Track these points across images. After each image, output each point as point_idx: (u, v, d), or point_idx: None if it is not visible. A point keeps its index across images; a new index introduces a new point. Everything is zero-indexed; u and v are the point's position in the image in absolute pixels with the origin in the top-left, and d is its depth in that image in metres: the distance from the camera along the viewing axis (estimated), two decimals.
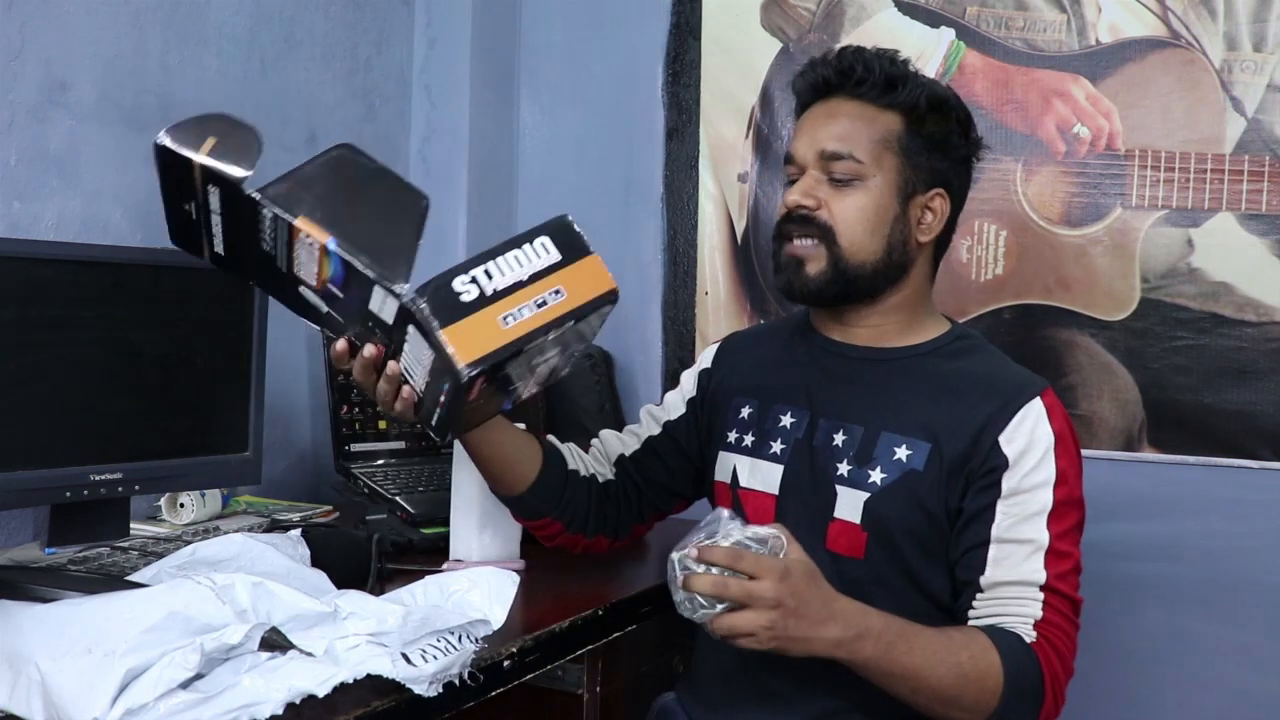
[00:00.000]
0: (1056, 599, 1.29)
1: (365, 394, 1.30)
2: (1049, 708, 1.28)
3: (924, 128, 1.38)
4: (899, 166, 1.38)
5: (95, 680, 0.92)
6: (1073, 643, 1.30)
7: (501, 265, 1.16)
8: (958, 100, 1.43)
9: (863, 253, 1.37)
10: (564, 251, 1.18)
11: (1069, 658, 1.30)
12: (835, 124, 1.39)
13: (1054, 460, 1.31)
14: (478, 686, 1.16)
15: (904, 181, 1.38)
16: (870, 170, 1.37)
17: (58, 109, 1.67)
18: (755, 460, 1.45)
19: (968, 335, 1.45)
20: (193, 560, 1.26)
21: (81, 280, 1.52)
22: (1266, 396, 1.81)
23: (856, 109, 1.39)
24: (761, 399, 1.48)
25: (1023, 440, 1.31)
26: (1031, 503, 1.30)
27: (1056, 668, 1.28)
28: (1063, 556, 1.30)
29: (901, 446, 1.34)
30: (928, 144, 1.39)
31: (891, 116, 1.38)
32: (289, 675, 0.98)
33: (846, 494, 1.35)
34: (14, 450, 1.45)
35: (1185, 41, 1.85)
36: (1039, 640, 1.27)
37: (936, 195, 1.40)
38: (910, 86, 1.38)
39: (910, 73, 1.41)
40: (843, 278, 1.38)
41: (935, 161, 1.39)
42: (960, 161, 1.43)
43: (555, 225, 1.20)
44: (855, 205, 1.37)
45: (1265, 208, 1.80)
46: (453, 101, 2.30)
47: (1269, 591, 1.82)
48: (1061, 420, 1.34)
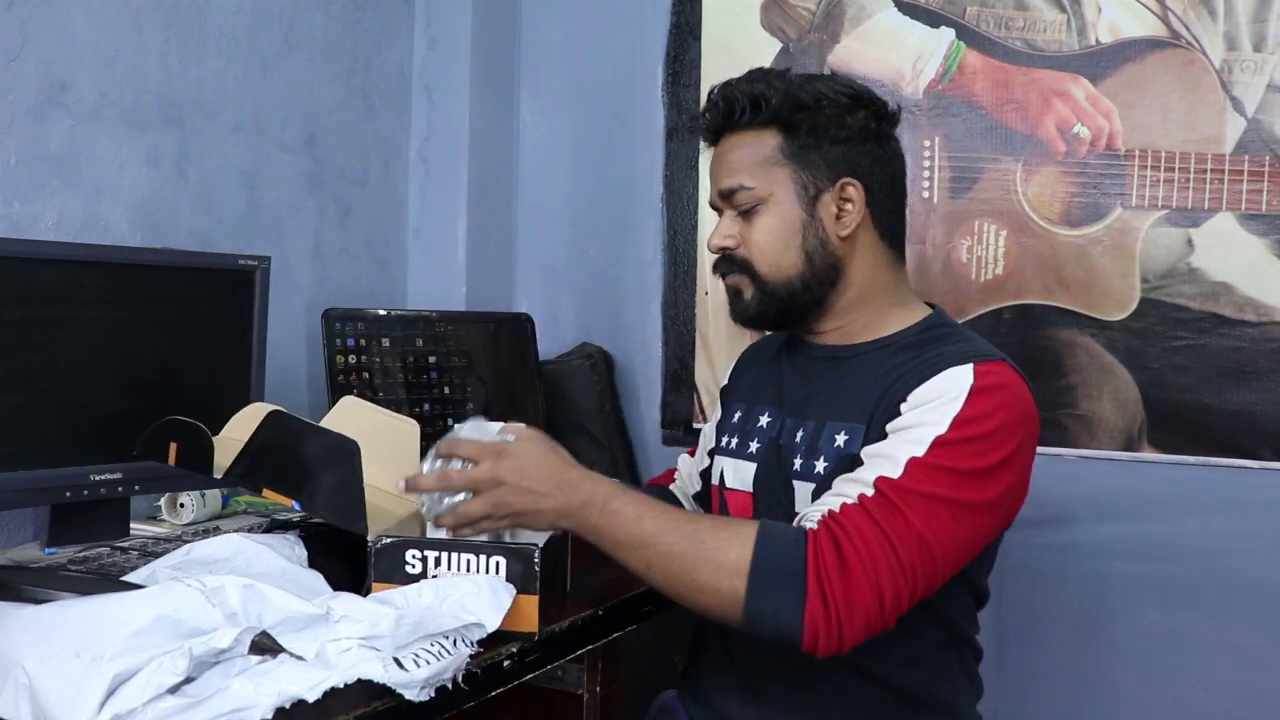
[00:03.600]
0: (880, 501, 1.18)
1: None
2: (813, 603, 1.13)
3: (799, 130, 1.37)
4: (791, 175, 1.37)
5: (83, 684, 0.92)
6: (873, 549, 1.15)
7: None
8: (832, 84, 1.39)
9: (783, 271, 1.37)
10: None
11: (856, 559, 1.14)
12: (724, 162, 1.41)
13: (960, 404, 1.22)
14: (476, 687, 1.16)
15: (801, 187, 1.37)
16: (764, 191, 1.37)
17: (58, 109, 1.68)
18: (737, 461, 1.47)
19: (941, 324, 1.39)
20: (188, 560, 1.26)
21: (81, 280, 1.53)
22: (1266, 396, 1.80)
23: (738, 140, 1.40)
24: (749, 403, 1.51)
25: (930, 389, 1.25)
26: (911, 434, 1.22)
27: (829, 559, 1.14)
28: (918, 480, 1.18)
29: (840, 433, 1.32)
30: (811, 141, 1.37)
31: (768, 133, 1.38)
32: (279, 680, 0.98)
33: (800, 487, 1.35)
34: (14, 450, 1.46)
35: (1185, 41, 1.84)
36: (817, 528, 1.17)
37: (845, 184, 1.37)
38: (773, 97, 1.37)
39: (772, 84, 1.38)
40: (774, 300, 1.39)
41: (827, 154, 1.37)
42: (859, 141, 1.38)
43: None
44: (763, 229, 1.38)
45: (1265, 208, 1.80)
46: (453, 101, 2.31)
47: (1269, 591, 1.82)
48: (995, 384, 1.24)
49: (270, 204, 2.04)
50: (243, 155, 1.98)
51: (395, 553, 1.23)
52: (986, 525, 1.26)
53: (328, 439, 1.31)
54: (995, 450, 1.22)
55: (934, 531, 1.18)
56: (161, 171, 1.83)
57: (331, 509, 1.30)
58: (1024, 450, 1.27)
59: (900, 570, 1.16)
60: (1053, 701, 1.96)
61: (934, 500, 1.19)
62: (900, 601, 1.17)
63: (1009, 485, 1.25)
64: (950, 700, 1.38)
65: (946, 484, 1.19)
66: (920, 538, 1.17)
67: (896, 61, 2.04)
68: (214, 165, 1.92)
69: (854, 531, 1.16)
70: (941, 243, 2.01)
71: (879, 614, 1.15)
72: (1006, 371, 1.27)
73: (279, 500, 1.34)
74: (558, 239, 2.41)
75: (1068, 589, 1.94)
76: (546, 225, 2.42)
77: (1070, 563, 1.94)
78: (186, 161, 1.87)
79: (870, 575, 1.14)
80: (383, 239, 2.30)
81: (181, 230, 1.86)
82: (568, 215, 2.40)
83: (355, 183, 2.23)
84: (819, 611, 1.13)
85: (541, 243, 2.43)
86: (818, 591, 1.13)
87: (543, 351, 2.29)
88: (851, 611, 1.14)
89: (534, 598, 1.23)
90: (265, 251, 1.82)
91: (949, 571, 1.22)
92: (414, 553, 1.23)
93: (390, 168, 2.31)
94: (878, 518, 1.17)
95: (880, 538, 1.16)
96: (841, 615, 1.13)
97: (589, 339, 2.36)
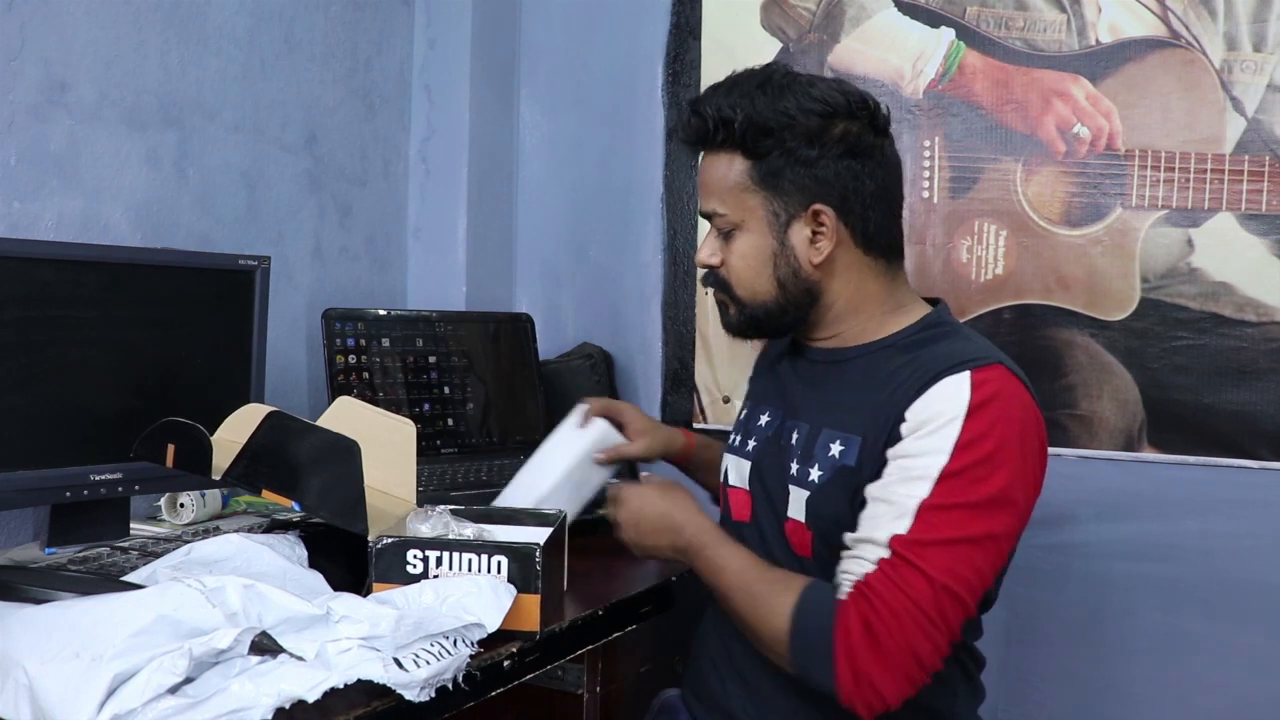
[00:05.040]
0: (898, 564, 1.18)
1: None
2: (843, 677, 1.18)
3: (768, 156, 1.32)
4: (763, 202, 1.33)
5: (83, 685, 0.92)
6: (901, 619, 1.17)
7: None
8: (805, 98, 1.31)
9: (758, 295, 1.37)
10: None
11: (886, 632, 1.17)
12: (703, 182, 1.40)
13: (959, 428, 1.20)
14: (476, 687, 1.16)
15: (773, 214, 1.33)
16: (738, 217, 1.35)
17: (58, 109, 1.68)
18: (739, 459, 1.47)
19: (939, 324, 1.36)
20: (188, 560, 1.26)
21: (81, 280, 1.53)
22: (1266, 396, 1.80)
23: (714, 161, 1.37)
24: (755, 401, 1.51)
25: (928, 407, 1.23)
26: (915, 466, 1.21)
27: (855, 634, 1.17)
28: (932, 526, 1.18)
29: (836, 443, 1.31)
30: (781, 164, 1.32)
31: (738, 157, 1.34)
32: (278, 680, 0.98)
33: (795, 493, 1.35)
34: (14, 450, 1.46)
35: (1185, 41, 1.84)
36: (849, 598, 1.19)
37: (816, 211, 1.32)
38: (739, 121, 1.31)
39: (739, 105, 1.32)
40: (754, 319, 1.39)
41: (799, 179, 1.32)
42: (834, 159, 1.31)
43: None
44: (739, 254, 1.37)
45: (1265, 208, 1.80)
46: (453, 101, 2.31)
47: (1269, 591, 1.81)
48: (990, 395, 1.22)
49: (270, 204, 2.04)
50: (243, 155, 1.98)
51: (395, 553, 1.23)
52: (1007, 546, 1.27)
53: (327, 439, 1.31)
54: (1001, 469, 1.21)
55: (958, 579, 1.19)
56: (161, 171, 1.83)
57: (332, 509, 1.30)
58: (1029, 457, 1.25)
59: (932, 627, 1.18)
60: (1053, 701, 1.95)
61: (952, 545, 1.19)
62: (940, 651, 1.20)
63: (1020, 498, 1.24)
64: (948, 707, 1.37)
65: (961, 523, 1.20)
66: (946, 590, 1.18)
67: (896, 61, 2.04)
68: (214, 165, 1.93)
69: (880, 605, 1.18)
70: (941, 243, 2.01)
71: (918, 670, 1.19)
72: (1002, 376, 1.25)
73: (279, 500, 1.34)
74: (558, 239, 2.41)
75: (1068, 589, 1.94)
76: (546, 225, 2.42)
77: (1070, 563, 1.94)
78: (186, 161, 1.87)
79: (902, 643, 1.17)
80: (383, 239, 2.30)
81: (181, 230, 1.86)
82: (568, 215, 2.40)
83: (355, 183, 2.23)
84: (849, 683, 1.18)
85: (541, 243, 2.43)
86: (847, 666, 1.18)
87: (543, 351, 2.29)
88: (889, 676, 1.18)
89: (534, 597, 1.23)
90: (265, 251, 1.82)
91: (980, 598, 1.25)
92: (415, 553, 1.23)
93: (390, 168, 2.31)
94: (900, 584, 1.18)
95: (908, 606, 1.18)
96: (876, 683, 1.18)
97: (589, 339, 2.36)
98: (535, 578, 1.23)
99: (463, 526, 1.30)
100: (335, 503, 1.30)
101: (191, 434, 1.37)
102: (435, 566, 1.23)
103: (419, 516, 1.30)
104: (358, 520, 1.27)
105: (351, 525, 1.28)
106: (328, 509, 1.31)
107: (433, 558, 1.23)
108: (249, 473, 1.35)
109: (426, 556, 1.23)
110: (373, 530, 1.27)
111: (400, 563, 1.23)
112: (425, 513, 1.30)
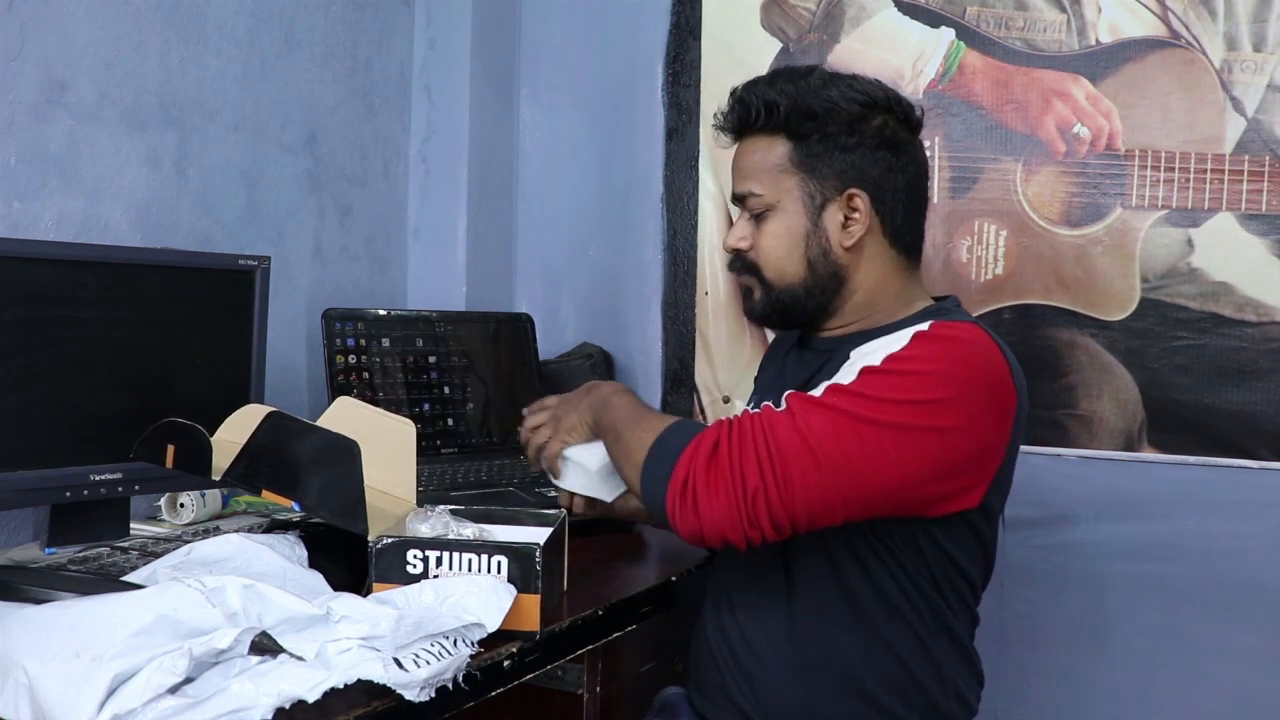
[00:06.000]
0: (776, 410, 1.24)
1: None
2: (675, 481, 1.22)
3: (809, 139, 1.37)
4: (800, 183, 1.38)
5: (82, 685, 0.92)
6: (745, 442, 1.21)
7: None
8: (848, 89, 1.39)
9: (787, 277, 1.40)
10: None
11: (726, 450, 1.21)
12: (740, 166, 1.43)
13: (900, 345, 1.26)
14: (476, 687, 1.16)
15: (808, 195, 1.38)
16: (774, 198, 1.39)
17: (58, 109, 1.68)
18: None
19: (939, 310, 1.40)
20: (188, 560, 1.25)
21: (81, 280, 1.53)
22: (1266, 396, 1.81)
23: (753, 145, 1.42)
24: (760, 392, 1.54)
25: (877, 341, 1.30)
26: (845, 371, 1.28)
27: (702, 449, 1.22)
28: (828, 394, 1.24)
29: None
30: (820, 149, 1.37)
31: (779, 140, 1.39)
32: (278, 680, 0.98)
33: None
34: (14, 450, 1.46)
35: (1185, 41, 1.84)
36: (713, 424, 1.26)
37: (851, 195, 1.37)
38: (783, 105, 1.37)
39: (785, 90, 1.38)
40: (779, 303, 1.42)
41: (836, 163, 1.37)
42: (871, 149, 1.38)
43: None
44: (770, 235, 1.40)
45: (1265, 208, 1.80)
46: (453, 101, 2.31)
47: (1269, 591, 1.82)
48: (946, 334, 1.27)
49: (270, 204, 2.04)
50: (243, 155, 1.98)
51: (395, 553, 1.23)
52: (901, 449, 1.21)
53: (327, 439, 1.31)
54: (924, 389, 1.22)
55: (822, 437, 1.20)
56: (161, 171, 1.83)
57: (332, 509, 1.30)
58: (970, 399, 1.24)
59: (770, 461, 1.19)
60: (1053, 701, 1.96)
61: (833, 411, 1.21)
62: (769, 494, 1.19)
63: (941, 423, 1.22)
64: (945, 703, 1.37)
65: (854, 403, 1.22)
66: (802, 438, 1.20)
67: (896, 61, 2.04)
68: (214, 165, 1.92)
69: (735, 429, 1.22)
70: (941, 243, 2.01)
71: (740, 493, 1.19)
72: (970, 329, 1.28)
73: (279, 500, 1.34)
74: (558, 239, 2.41)
75: (1068, 589, 1.94)
76: (546, 225, 2.43)
77: (1070, 563, 1.94)
78: (186, 161, 1.87)
79: (736, 461, 1.20)
80: (383, 239, 2.30)
81: (181, 230, 1.86)
82: (568, 215, 2.40)
83: (355, 183, 2.23)
84: (677, 489, 1.22)
85: (541, 243, 2.43)
86: (681, 476, 1.22)
87: (543, 351, 2.29)
88: (711, 491, 1.20)
89: (534, 597, 1.23)
90: (265, 251, 1.82)
91: (854, 489, 1.21)
92: (415, 553, 1.23)
93: (390, 168, 2.31)
94: (764, 419, 1.22)
95: (758, 433, 1.21)
96: (699, 494, 1.20)
97: (589, 339, 2.36)
98: (535, 578, 1.23)
99: (463, 526, 1.30)
100: (335, 503, 1.30)
101: (191, 434, 1.37)
102: (435, 566, 1.23)
103: (419, 516, 1.30)
104: (358, 520, 1.27)
105: (351, 525, 1.28)
106: (328, 509, 1.31)
107: (433, 558, 1.23)
108: (249, 473, 1.35)
109: (426, 556, 1.23)
110: (373, 530, 1.27)
111: (400, 563, 1.23)
112: (425, 513, 1.30)
